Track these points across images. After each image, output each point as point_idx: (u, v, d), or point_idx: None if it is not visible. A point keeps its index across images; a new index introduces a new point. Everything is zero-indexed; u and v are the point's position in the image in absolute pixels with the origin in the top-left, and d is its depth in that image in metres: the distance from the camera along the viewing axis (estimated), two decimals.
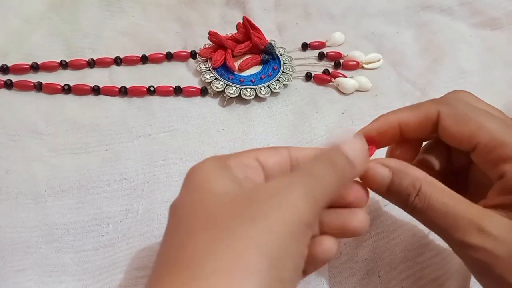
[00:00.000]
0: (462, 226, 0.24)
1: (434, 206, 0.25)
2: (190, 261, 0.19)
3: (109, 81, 0.42)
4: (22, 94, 0.40)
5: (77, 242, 0.33)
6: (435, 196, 0.25)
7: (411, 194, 0.25)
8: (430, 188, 0.25)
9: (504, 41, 0.49)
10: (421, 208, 0.25)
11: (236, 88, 0.41)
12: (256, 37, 0.43)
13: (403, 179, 0.26)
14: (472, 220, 0.24)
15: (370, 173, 0.26)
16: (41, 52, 0.43)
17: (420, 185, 0.25)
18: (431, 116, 0.26)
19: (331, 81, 0.44)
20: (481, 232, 0.24)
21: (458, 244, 0.25)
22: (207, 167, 0.24)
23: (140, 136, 0.38)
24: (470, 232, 0.24)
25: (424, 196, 0.25)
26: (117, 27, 0.46)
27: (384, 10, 0.51)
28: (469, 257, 0.25)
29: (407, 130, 0.27)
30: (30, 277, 0.31)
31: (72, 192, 0.34)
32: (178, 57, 0.45)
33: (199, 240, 0.20)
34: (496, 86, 0.46)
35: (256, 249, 0.19)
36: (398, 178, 0.26)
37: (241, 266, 0.19)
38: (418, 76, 0.46)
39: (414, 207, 0.25)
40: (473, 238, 0.24)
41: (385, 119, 0.28)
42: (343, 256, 0.34)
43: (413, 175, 0.26)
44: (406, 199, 0.25)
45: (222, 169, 0.23)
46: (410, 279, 0.33)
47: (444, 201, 0.25)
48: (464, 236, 0.24)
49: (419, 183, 0.25)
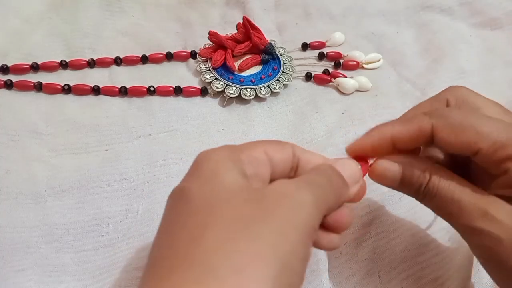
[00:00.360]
0: (467, 211, 0.25)
1: (442, 193, 0.26)
2: (205, 259, 0.19)
3: (109, 81, 0.42)
4: (22, 94, 0.40)
5: (77, 242, 0.33)
6: (443, 183, 0.26)
7: (423, 183, 0.26)
8: (439, 176, 0.26)
9: (504, 41, 0.49)
10: (430, 195, 0.26)
11: (236, 88, 0.41)
12: (256, 37, 0.43)
13: (414, 171, 0.27)
14: (477, 205, 0.25)
15: (381, 170, 0.27)
16: (41, 52, 0.43)
17: (430, 174, 0.26)
18: (424, 130, 0.26)
19: (331, 81, 0.44)
20: (485, 217, 0.24)
21: (465, 229, 0.26)
22: (220, 156, 0.23)
23: (140, 136, 0.38)
24: (475, 217, 0.25)
25: (433, 185, 0.26)
26: (117, 27, 0.46)
27: (384, 10, 0.51)
28: (474, 242, 0.26)
29: (401, 144, 0.27)
30: (30, 277, 0.31)
31: (72, 192, 0.34)
32: (178, 57, 0.45)
33: (214, 237, 0.19)
34: (496, 86, 0.46)
35: (271, 253, 0.19)
36: (408, 171, 0.27)
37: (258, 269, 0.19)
38: (418, 76, 0.46)
39: (425, 195, 0.26)
40: (478, 222, 0.25)
41: (378, 134, 0.27)
42: (343, 256, 0.34)
43: (422, 165, 0.27)
44: (418, 189, 0.27)
45: (235, 163, 0.23)
46: (410, 279, 0.33)
47: (451, 188, 0.26)
48: (470, 221, 0.25)
49: (429, 173, 0.26)
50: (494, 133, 0.25)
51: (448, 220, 0.26)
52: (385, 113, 0.42)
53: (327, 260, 0.33)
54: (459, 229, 0.26)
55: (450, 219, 0.26)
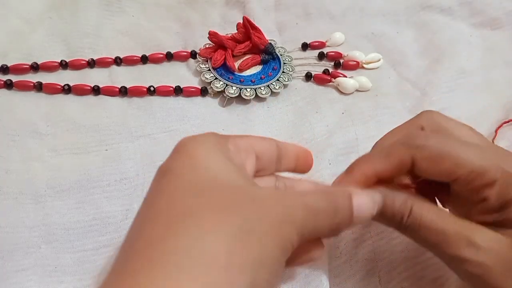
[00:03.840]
0: (452, 241, 0.24)
1: (425, 224, 0.25)
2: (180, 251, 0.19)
3: (109, 81, 0.42)
4: (22, 94, 0.40)
5: (77, 242, 0.33)
6: (425, 214, 0.25)
7: (405, 214, 0.25)
8: (420, 207, 0.25)
9: (504, 41, 0.49)
10: (413, 227, 0.25)
11: (236, 88, 0.41)
12: (256, 37, 0.43)
13: (395, 201, 0.26)
14: (462, 234, 0.24)
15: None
16: (41, 52, 0.43)
17: (411, 205, 0.25)
18: (405, 162, 0.26)
19: (331, 81, 0.44)
20: (471, 246, 0.24)
21: (451, 259, 0.25)
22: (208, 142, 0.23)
23: (140, 136, 0.38)
24: (460, 246, 0.24)
25: (415, 216, 0.25)
26: (117, 27, 0.46)
27: (384, 10, 0.51)
28: (463, 272, 0.25)
29: (382, 177, 0.27)
30: (30, 277, 0.31)
31: (72, 192, 0.34)
32: (178, 57, 0.45)
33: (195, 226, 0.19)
34: (496, 86, 0.46)
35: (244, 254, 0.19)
36: (390, 200, 0.26)
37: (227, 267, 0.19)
38: (418, 76, 0.46)
39: (407, 227, 0.26)
40: (464, 252, 0.24)
41: (361, 173, 0.27)
42: (343, 256, 0.34)
43: (403, 195, 0.26)
44: (400, 220, 0.26)
45: (222, 151, 0.23)
46: (410, 279, 0.33)
47: (433, 218, 0.25)
48: (456, 250, 0.24)
49: (410, 203, 0.25)
50: (473, 160, 0.25)
51: (434, 251, 0.26)
52: (385, 113, 0.42)
53: (327, 260, 0.33)
54: (446, 260, 0.26)
55: (436, 250, 0.26)
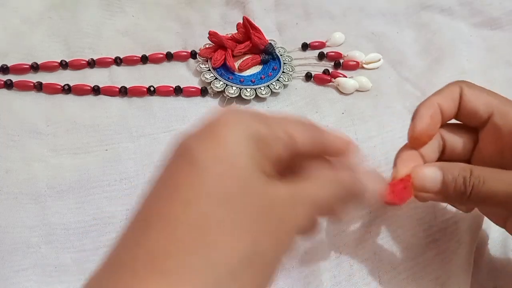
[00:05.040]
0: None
1: (491, 184, 0.25)
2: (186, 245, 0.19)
3: (109, 81, 0.42)
4: (22, 94, 0.40)
5: (77, 242, 0.33)
6: (488, 175, 0.25)
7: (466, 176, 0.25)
8: (480, 170, 0.25)
9: (504, 41, 0.49)
10: (479, 193, 0.25)
11: (236, 88, 0.41)
12: (256, 37, 0.43)
13: (453, 172, 0.25)
14: None
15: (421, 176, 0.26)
16: (41, 52, 0.43)
17: (471, 170, 0.25)
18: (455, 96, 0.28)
19: (331, 81, 0.44)
20: None
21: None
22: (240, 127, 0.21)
23: (140, 136, 0.38)
24: None
25: (478, 180, 0.25)
26: (117, 27, 0.46)
27: (384, 10, 0.51)
28: None
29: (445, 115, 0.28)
30: (30, 277, 0.31)
31: (72, 192, 0.34)
32: (178, 57, 0.45)
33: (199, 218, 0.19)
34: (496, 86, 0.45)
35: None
36: (448, 172, 0.26)
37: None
38: (418, 76, 0.46)
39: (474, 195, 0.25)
40: None
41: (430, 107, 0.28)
42: (343, 256, 0.34)
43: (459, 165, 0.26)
44: (463, 191, 0.25)
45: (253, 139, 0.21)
46: (410, 279, 0.33)
47: (497, 176, 0.25)
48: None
49: (469, 169, 0.25)
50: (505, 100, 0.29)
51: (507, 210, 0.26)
52: (385, 113, 0.42)
53: (327, 260, 0.33)
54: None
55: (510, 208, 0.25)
